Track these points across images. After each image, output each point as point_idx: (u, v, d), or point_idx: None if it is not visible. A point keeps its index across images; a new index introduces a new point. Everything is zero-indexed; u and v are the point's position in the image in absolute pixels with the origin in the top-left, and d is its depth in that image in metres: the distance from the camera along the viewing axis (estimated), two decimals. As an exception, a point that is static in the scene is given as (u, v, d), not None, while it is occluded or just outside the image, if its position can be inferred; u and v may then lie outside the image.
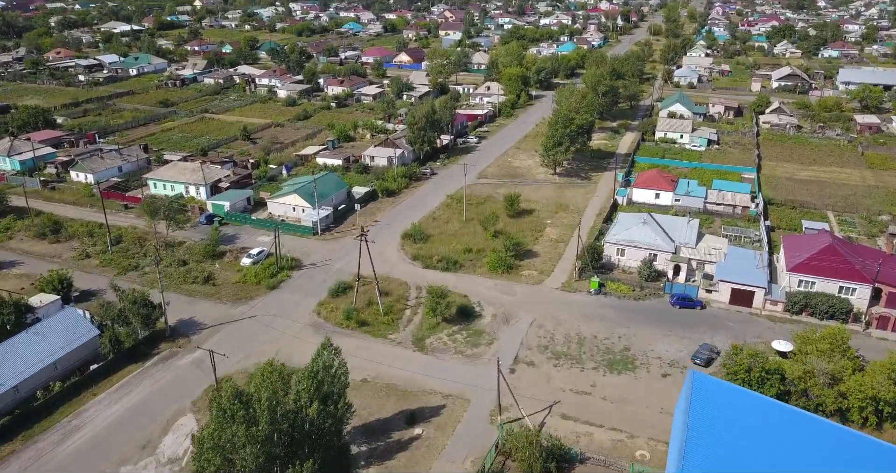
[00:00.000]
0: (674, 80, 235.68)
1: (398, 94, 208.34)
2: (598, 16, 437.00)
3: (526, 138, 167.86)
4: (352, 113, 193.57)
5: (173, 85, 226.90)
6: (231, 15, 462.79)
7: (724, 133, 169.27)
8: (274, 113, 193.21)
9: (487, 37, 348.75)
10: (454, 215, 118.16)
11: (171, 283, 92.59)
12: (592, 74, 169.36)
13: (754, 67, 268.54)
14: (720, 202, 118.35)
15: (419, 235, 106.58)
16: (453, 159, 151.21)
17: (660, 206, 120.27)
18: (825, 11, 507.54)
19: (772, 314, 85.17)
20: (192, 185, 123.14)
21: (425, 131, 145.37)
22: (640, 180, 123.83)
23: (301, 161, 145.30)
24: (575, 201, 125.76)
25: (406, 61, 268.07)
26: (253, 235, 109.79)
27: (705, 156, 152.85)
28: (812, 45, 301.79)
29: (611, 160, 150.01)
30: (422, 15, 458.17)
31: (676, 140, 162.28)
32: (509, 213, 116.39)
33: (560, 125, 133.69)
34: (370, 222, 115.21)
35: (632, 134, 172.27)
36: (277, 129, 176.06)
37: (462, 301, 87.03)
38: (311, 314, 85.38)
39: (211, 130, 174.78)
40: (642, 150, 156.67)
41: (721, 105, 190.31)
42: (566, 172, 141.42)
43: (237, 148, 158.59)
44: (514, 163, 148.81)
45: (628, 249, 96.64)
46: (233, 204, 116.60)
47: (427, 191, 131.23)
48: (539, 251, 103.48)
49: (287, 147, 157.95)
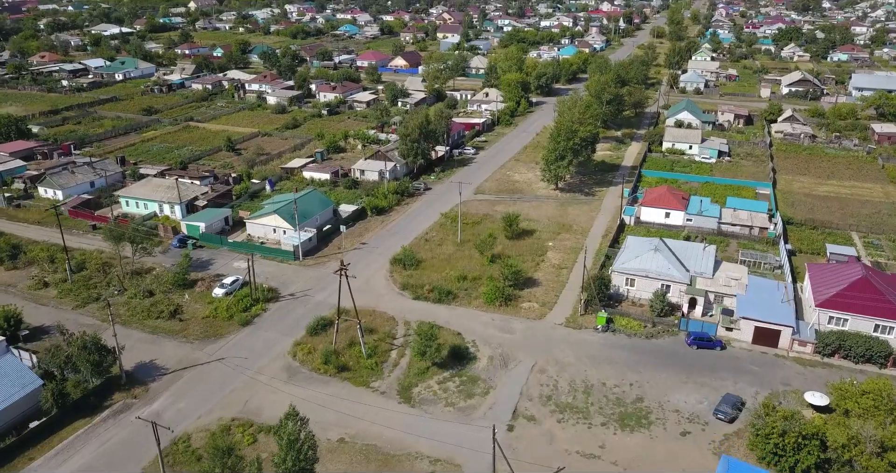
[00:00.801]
0: (679, 85, 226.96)
1: (393, 100, 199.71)
2: (599, 18, 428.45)
3: (526, 149, 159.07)
4: (344, 121, 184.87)
5: (159, 91, 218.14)
6: (225, 17, 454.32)
7: (734, 143, 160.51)
8: (262, 121, 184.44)
9: (486, 40, 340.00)
10: (448, 236, 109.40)
11: (134, 318, 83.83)
12: (596, 81, 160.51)
13: (762, 71, 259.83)
14: (735, 222, 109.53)
15: (410, 260, 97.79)
16: (449, 173, 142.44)
17: (670, 226, 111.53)
18: (830, 13, 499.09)
19: (800, 355, 76.32)
20: (165, 203, 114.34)
21: (419, 143, 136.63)
22: (648, 197, 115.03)
23: (286, 175, 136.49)
24: (578, 220, 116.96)
25: (402, 65, 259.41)
26: (229, 259, 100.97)
27: (716, 169, 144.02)
28: (821, 49, 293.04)
29: (616, 174, 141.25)
30: (420, 17, 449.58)
31: (685, 151, 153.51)
32: (508, 234, 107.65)
33: (562, 138, 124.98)
34: (357, 244, 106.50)
35: (637, 144, 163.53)
36: (264, 139, 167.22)
37: (455, 341, 78.26)
38: (286, 356, 76.54)
39: (194, 139, 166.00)
40: (649, 162, 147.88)
41: (730, 113, 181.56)
42: (568, 187, 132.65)
43: (220, 160, 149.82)
44: (514, 177, 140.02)
45: (638, 279, 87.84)
46: (209, 225, 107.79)
47: (420, 208, 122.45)
48: (540, 279, 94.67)
49: (273, 159, 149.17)
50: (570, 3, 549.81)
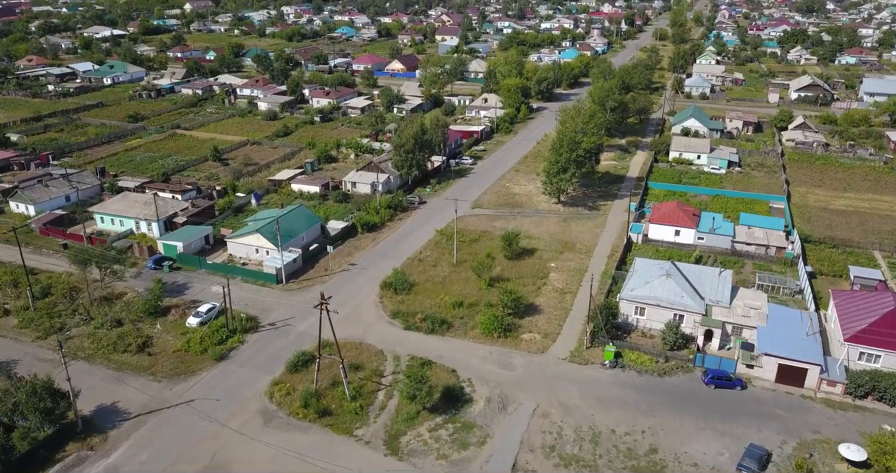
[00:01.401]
0: (684, 90, 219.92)
1: (388, 106, 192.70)
2: (600, 20, 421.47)
3: (526, 159, 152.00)
4: (337, 128, 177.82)
5: (148, 96, 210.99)
6: (221, 19, 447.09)
7: (744, 153, 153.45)
8: (252, 128, 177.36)
9: (486, 42, 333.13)
10: (444, 255, 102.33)
11: (99, 352, 76.78)
12: (600, 87, 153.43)
13: (769, 75, 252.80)
14: (750, 241, 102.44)
15: (401, 284, 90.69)
16: (445, 185, 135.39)
17: (680, 245, 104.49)
18: (834, 14, 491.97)
19: (829, 397, 69.25)
20: (142, 220, 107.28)
21: (413, 154, 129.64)
22: (657, 213, 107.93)
23: (274, 188, 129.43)
24: (582, 237, 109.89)
25: (399, 69, 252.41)
26: (208, 283, 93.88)
27: (726, 180, 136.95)
28: (828, 52, 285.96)
29: (621, 186, 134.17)
30: (418, 19, 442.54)
31: (693, 161, 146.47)
32: (507, 254, 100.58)
33: (564, 149, 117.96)
34: (345, 265, 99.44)
35: (643, 153, 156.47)
36: (253, 148, 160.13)
37: (448, 379, 71.21)
38: (263, 397, 69.46)
39: (180, 148, 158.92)
40: (656, 173, 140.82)
41: (739, 120, 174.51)
42: (571, 201, 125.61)
43: (206, 171, 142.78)
44: (514, 189, 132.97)
45: (649, 308, 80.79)
46: (187, 244, 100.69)
47: (413, 224, 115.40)
48: (542, 306, 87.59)
49: (261, 170, 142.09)
50: (570, 5, 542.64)
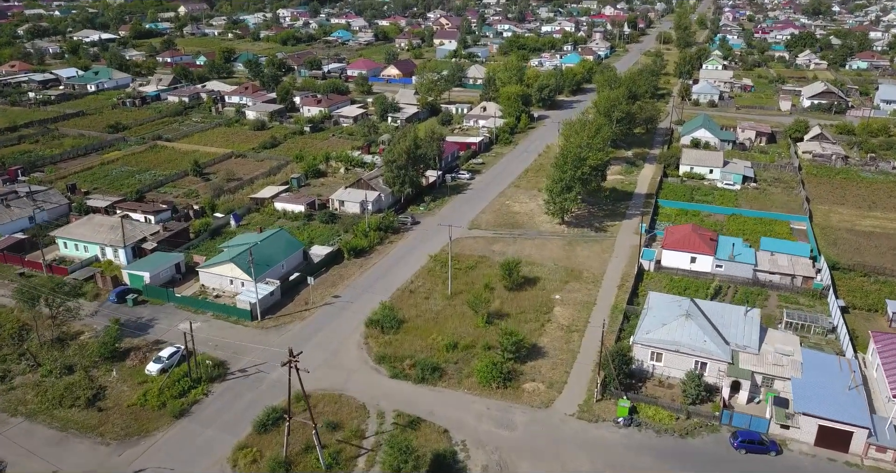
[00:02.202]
0: (692, 97, 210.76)
1: (382, 115, 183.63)
2: (602, 22, 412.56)
3: (527, 173, 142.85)
4: (328, 139, 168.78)
5: (132, 104, 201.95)
6: (216, 22, 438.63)
7: (758, 166, 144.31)
8: (238, 139, 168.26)
9: (485, 46, 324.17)
10: (437, 285, 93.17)
11: (43, 406, 67.62)
12: (605, 97, 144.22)
13: (778, 80, 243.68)
14: (774, 270, 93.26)
15: (389, 321, 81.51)
16: (440, 202, 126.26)
17: (697, 273, 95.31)
18: (840, 17, 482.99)
19: (879, 465, 60.06)
20: (108, 246, 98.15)
21: (406, 170, 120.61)
22: (671, 238, 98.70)
23: (255, 207, 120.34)
24: (589, 263, 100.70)
25: (395, 75, 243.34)
26: (176, 319, 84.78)
27: (742, 197, 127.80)
28: (838, 56, 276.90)
29: (629, 204, 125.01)
30: (416, 22, 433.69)
31: (705, 176, 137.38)
32: (507, 285, 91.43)
33: (569, 166, 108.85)
34: (328, 297, 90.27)
35: (651, 166, 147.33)
36: (237, 160, 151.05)
37: (439, 443, 62.01)
38: (225, 466, 60.27)
39: (160, 161, 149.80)
40: (666, 189, 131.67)
41: (751, 130, 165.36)
42: (576, 221, 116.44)
43: (185, 187, 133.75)
44: (514, 207, 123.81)
45: (667, 353, 71.62)
46: (155, 274, 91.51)
47: (405, 248, 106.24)
48: (547, 348, 78.41)
49: (244, 185, 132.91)
50: (571, 8, 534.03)
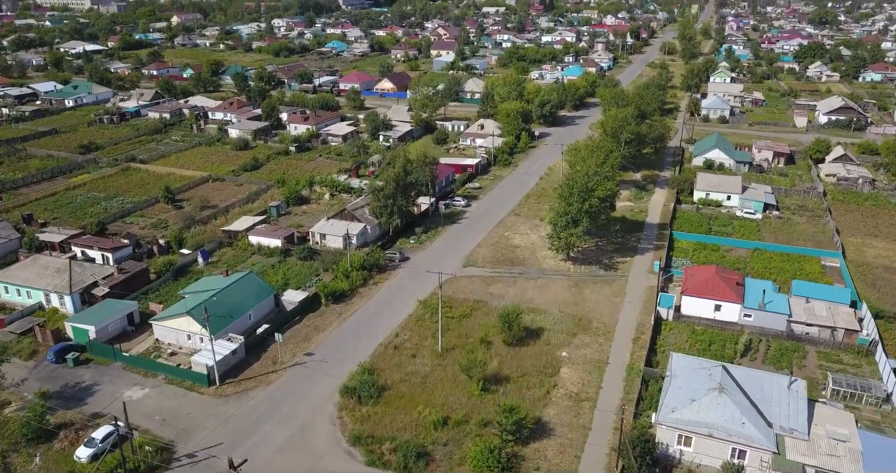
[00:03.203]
0: (701, 112, 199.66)
1: (373, 133, 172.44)
2: (604, 32, 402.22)
3: (528, 200, 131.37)
4: (314, 160, 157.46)
5: (109, 121, 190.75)
6: (209, 32, 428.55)
7: (779, 191, 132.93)
8: (218, 160, 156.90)
9: (484, 57, 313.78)
10: (426, 339, 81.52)
11: (-56, 507, 56.04)
12: (613, 116, 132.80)
13: (790, 94, 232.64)
14: (812, 321, 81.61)
15: (367, 388, 69.78)
16: (433, 234, 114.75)
17: (722, 323, 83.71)
18: (847, 26, 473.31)
19: None
20: (53, 292, 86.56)
21: (395, 200, 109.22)
22: (692, 282, 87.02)
23: (228, 241, 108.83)
24: (599, 310, 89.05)
25: (389, 89, 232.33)
26: (122, 383, 73.12)
27: (764, 228, 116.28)
28: (851, 68, 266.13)
29: (641, 236, 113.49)
30: (413, 32, 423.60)
31: (722, 203, 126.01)
32: (506, 338, 79.80)
33: (575, 198, 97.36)
34: (300, 354, 78.61)
35: (662, 191, 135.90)
36: (214, 185, 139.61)
37: None
38: None
39: (131, 186, 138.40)
40: (680, 218, 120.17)
41: (768, 150, 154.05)
42: (582, 257, 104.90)
43: (154, 216, 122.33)
44: (513, 239, 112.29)
45: (697, 437, 59.89)
46: (102, 328, 79.87)
47: (391, 291, 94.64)
48: (553, 423, 66.67)
49: (219, 214, 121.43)
50: (571, 17, 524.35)
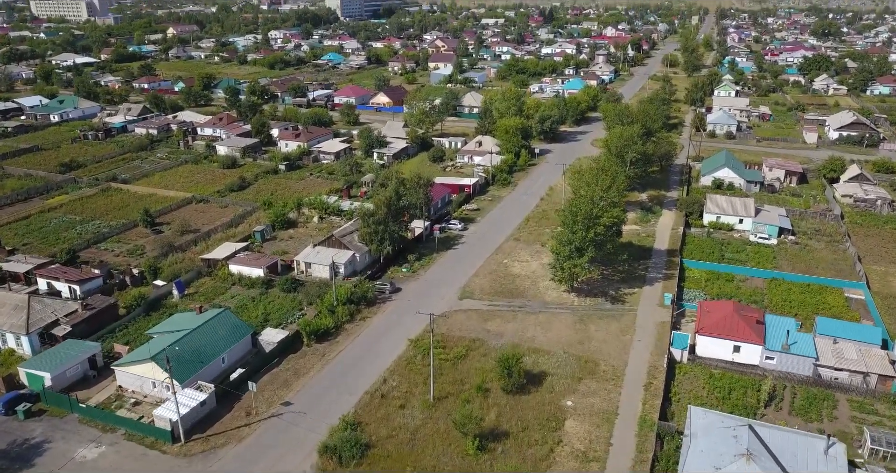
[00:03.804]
0: (706, 128, 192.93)
1: (367, 150, 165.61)
2: (604, 44, 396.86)
3: (528, 223, 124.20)
4: (305, 179, 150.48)
5: (94, 137, 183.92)
6: (204, 44, 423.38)
7: (793, 213, 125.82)
8: (205, 179, 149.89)
9: (483, 70, 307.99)
10: (416, 387, 74.05)
11: None
12: (618, 135, 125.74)
13: (797, 108, 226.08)
14: (841, 366, 74.19)
15: (350, 447, 62.28)
16: (427, 261, 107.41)
17: (742, 366, 76.28)
18: (850, 38, 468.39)
19: None
20: (9, 332, 79.17)
21: (386, 225, 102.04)
22: (708, 321, 79.64)
23: (207, 270, 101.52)
24: (606, 350, 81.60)
25: (385, 103, 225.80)
26: (76, 440, 65.54)
27: (781, 255, 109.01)
28: (858, 81, 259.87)
29: (648, 263, 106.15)
30: (412, 44, 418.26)
31: (733, 226, 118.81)
32: (505, 386, 72.36)
33: (579, 226, 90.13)
34: (277, 405, 71.07)
35: (670, 213, 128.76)
36: (198, 206, 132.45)
37: None
38: None
39: (111, 208, 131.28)
40: (690, 244, 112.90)
41: (780, 168, 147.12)
42: (587, 288, 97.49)
43: (132, 241, 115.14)
44: (513, 268, 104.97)
45: (724, 513, 52.45)
46: (60, 373, 72.41)
47: (380, 328, 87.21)
48: (556, 488, 59.25)
49: (200, 240, 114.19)
50: (571, 29, 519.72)
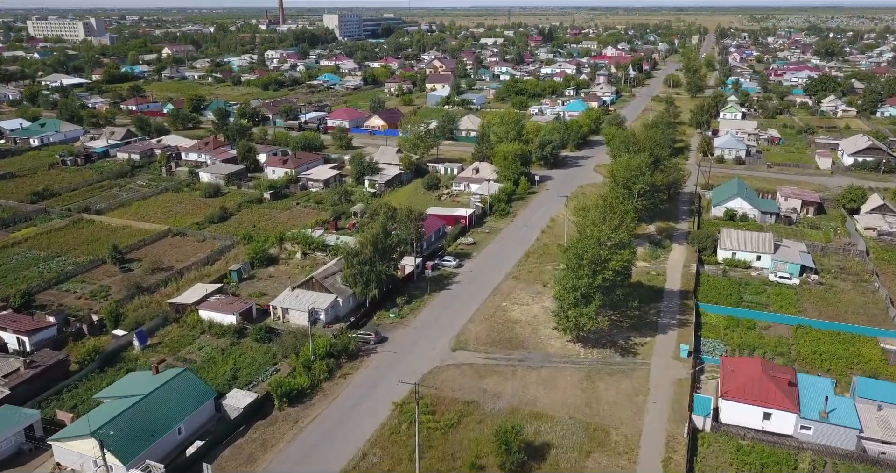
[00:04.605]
0: (714, 153, 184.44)
1: (358, 178, 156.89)
2: (605, 64, 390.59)
3: (528, 259, 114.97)
4: (291, 209, 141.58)
5: (73, 163, 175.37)
6: (199, 64, 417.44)
7: (814, 248, 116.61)
8: (184, 209, 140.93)
9: (481, 91, 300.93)
10: (401, 462, 64.35)
11: None
12: (625, 165, 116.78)
13: (807, 131, 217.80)
14: (890, 439, 64.51)
15: (319, 546, 52.69)
16: (417, 304, 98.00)
17: (774, 437, 66.61)
18: (853, 58, 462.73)
19: None
20: (-62, 397, 69.73)
21: (372, 266, 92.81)
22: (733, 382, 70.04)
23: (175, 316, 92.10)
24: (617, 415, 71.94)
25: (379, 126, 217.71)
26: (-2, 533, 55.96)
27: (804, 297, 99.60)
28: (868, 103, 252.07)
29: (660, 306, 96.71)
30: (409, 64, 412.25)
31: (751, 263, 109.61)
32: (504, 463, 62.62)
33: (586, 271, 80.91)
34: (240, 487, 61.38)
35: (680, 248, 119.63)
36: (174, 240, 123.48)
37: None
38: None
39: (81, 242, 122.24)
40: (705, 284, 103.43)
41: (796, 198, 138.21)
42: (594, 336, 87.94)
43: (97, 280, 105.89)
44: (512, 312, 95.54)
45: None
46: (-11, 449, 62.96)
47: (362, 388, 77.55)
48: None
49: (171, 279, 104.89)
50: (570, 48, 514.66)
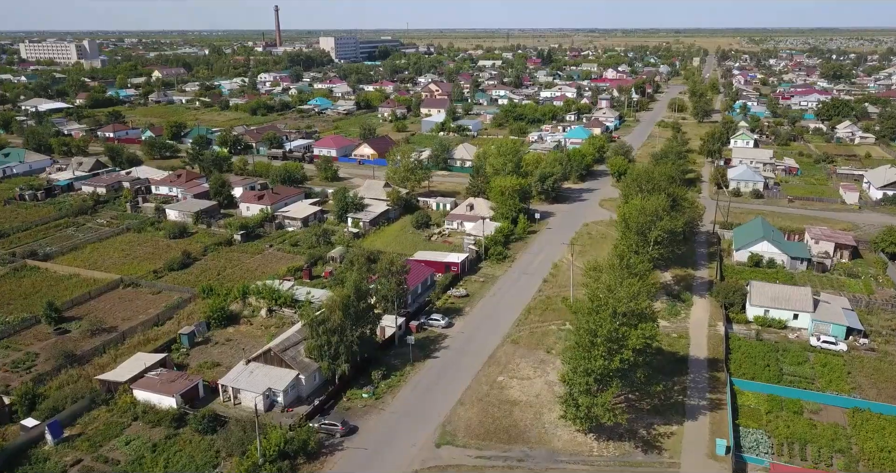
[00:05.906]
0: (729, 185, 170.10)
1: (341, 215, 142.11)
2: (607, 87, 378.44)
3: (529, 315, 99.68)
4: (263, 252, 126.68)
5: (32, 197, 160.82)
6: (189, 87, 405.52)
7: (855, 302, 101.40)
8: (144, 253, 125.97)
9: (478, 116, 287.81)
10: None
11: None
12: (639, 208, 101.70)
13: (825, 160, 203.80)
14: None
15: None
16: (397, 379, 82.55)
17: None
18: (860, 80, 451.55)
19: None
20: None
21: (342, 337, 77.47)
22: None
23: (105, 397, 76.59)
24: (643, 544, 56.34)
25: (369, 155, 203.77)
26: None
27: (854, 367, 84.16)
28: (887, 129, 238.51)
29: (686, 380, 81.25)
30: (404, 88, 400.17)
31: (787, 323, 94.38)
32: None
33: (601, 350, 65.64)
34: None
35: (702, 301, 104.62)
36: (125, 292, 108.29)
37: None
38: None
39: (19, 294, 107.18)
40: (737, 351, 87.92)
41: (828, 240, 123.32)
42: (609, 425, 72.22)
43: (25, 345, 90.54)
44: (510, 389, 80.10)
45: None
46: None
47: (323, 500, 62.10)
48: None
49: (113, 344, 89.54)
50: (570, 71, 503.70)
